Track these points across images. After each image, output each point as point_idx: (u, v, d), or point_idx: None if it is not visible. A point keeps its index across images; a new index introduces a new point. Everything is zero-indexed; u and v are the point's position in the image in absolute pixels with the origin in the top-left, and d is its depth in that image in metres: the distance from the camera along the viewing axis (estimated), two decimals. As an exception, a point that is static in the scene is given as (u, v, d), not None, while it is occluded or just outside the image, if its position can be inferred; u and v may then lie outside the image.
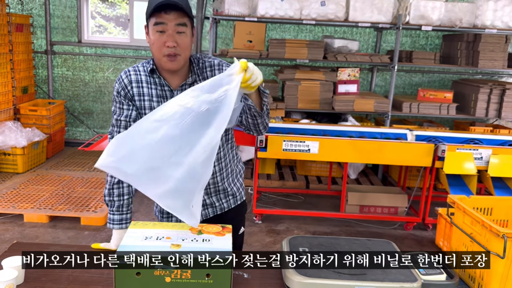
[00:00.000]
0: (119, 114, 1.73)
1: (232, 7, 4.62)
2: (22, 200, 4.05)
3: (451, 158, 3.60)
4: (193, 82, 1.69)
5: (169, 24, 1.57)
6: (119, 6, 6.38)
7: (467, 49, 5.05)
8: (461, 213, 1.69)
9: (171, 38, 1.57)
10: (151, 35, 1.60)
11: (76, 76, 6.04)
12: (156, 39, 1.59)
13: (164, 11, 1.55)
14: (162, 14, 1.56)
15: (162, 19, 1.56)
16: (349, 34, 5.75)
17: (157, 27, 1.57)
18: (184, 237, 1.45)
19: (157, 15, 1.56)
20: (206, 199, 1.86)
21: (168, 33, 1.57)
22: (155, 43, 1.59)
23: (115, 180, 1.74)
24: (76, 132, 6.21)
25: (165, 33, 1.58)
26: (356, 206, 4.05)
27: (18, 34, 5.26)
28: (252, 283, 1.49)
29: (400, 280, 1.39)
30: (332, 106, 4.79)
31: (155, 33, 1.58)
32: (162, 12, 1.55)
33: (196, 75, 1.70)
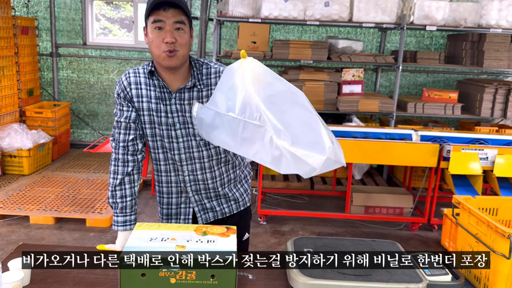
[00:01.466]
0: (120, 116, 1.75)
1: (236, 8, 4.63)
2: (28, 202, 4.08)
3: (456, 158, 3.59)
4: (193, 87, 1.70)
5: (167, 21, 1.58)
6: (123, 8, 6.40)
7: (472, 49, 5.02)
8: (466, 214, 1.69)
9: (170, 34, 1.58)
10: (150, 33, 1.61)
11: (81, 78, 6.07)
12: (155, 36, 1.60)
13: (162, 8, 1.57)
14: (160, 11, 1.57)
15: (160, 16, 1.58)
16: (353, 35, 5.74)
17: (155, 25, 1.59)
18: (189, 238, 1.46)
19: (155, 13, 1.58)
20: (207, 202, 1.86)
21: (166, 30, 1.59)
22: (154, 41, 1.60)
23: (117, 182, 1.76)
24: (81, 134, 6.24)
25: (163, 30, 1.59)
26: (361, 207, 4.04)
27: (23, 37, 5.30)
28: (257, 284, 1.49)
29: (405, 281, 1.38)
30: (336, 107, 4.79)
31: (154, 31, 1.60)
32: (160, 9, 1.57)
33: (197, 79, 1.70)
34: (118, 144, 1.76)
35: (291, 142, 1.34)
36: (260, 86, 1.39)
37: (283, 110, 1.38)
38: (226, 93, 1.43)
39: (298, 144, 1.34)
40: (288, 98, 1.40)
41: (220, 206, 1.88)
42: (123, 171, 1.76)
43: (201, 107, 1.50)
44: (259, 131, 1.36)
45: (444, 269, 1.49)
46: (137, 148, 1.77)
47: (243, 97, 1.38)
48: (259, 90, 1.38)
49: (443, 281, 1.46)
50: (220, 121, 1.43)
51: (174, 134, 1.74)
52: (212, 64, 1.75)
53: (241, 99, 1.38)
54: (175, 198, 1.86)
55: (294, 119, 1.38)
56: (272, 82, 1.42)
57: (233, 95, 1.41)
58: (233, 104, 1.40)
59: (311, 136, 1.38)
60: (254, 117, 1.36)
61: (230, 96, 1.41)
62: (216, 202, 1.87)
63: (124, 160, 1.76)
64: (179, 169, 1.80)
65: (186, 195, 1.85)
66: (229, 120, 1.40)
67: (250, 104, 1.37)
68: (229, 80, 1.44)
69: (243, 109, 1.38)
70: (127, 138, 1.75)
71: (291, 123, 1.37)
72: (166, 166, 1.81)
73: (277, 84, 1.42)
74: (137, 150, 1.77)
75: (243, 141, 1.41)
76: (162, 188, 1.86)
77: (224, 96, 1.43)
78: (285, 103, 1.39)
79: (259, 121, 1.36)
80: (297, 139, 1.35)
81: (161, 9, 1.57)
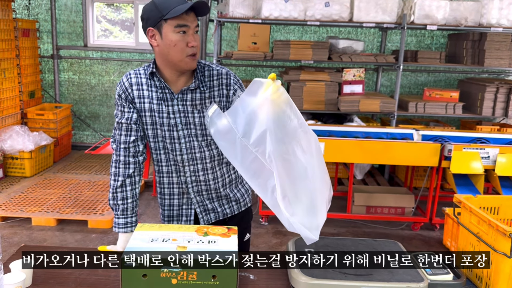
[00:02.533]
0: (121, 117, 1.75)
1: (236, 9, 4.63)
2: (30, 203, 4.09)
3: (457, 158, 3.58)
4: (196, 88, 1.71)
5: (191, 25, 1.61)
6: (124, 10, 6.41)
7: (472, 48, 5.02)
8: (467, 213, 1.69)
9: (194, 38, 1.62)
10: (171, 37, 1.60)
11: (82, 80, 6.09)
12: (178, 39, 1.60)
13: (185, 12, 1.58)
14: (183, 15, 1.58)
15: (185, 21, 1.59)
16: (353, 35, 5.74)
17: (180, 29, 1.60)
18: (190, 238, 1.46)
19: (179, 17, 1.58)
20: (208, 203, 1.86)
21: (189, 33, 1.61)
22: (178, 44, 1.60)
23: (118, 184, 1.76)
24: (82, 136, 6.25)
25: (187, 33, 1.61)
26: (363, 206, 4.03)
27: (24, 39, 5.31)
28: (258, 285, 1.49)
29: (407, 280, 1.38)
30: (337, 107, 4.78)
31: (176, 35, 1.60)
32: (183, 14, 1.58)
33: (200, 81, 1.71)
34: (119, 145, 1.76)
35: (292, 213, 1.39)
36: (280, 123, 1.41)
37: (293, 175, 1.41)
38: (247, 115, 1.43)
39: (297, 217, 1.39)
40: (299, 145, 1.43)
41: (222, 207, 1.88)
42: (124, 173, 1.76)
43: (218, 111, 1.49)
44: (267, 173, 1.39)
45: (446, 268, 1.49)
46: (138, 149, 1.77)
47: (261, 132, 1.39)
48: (276, 131, 1.40)
49: (445, 280, 1.46)
50: (232, 138, 1.44)
51: (176, 135, 1.74)
52: (214, 66, 1.75)
53: (259, 133, 1.40)
54: (177, 200, 1.86)
55: (301, 190, 1.42)
56: (290, 117, 1.43)
57: (252, 122, 1.41)
58: (250, 132, 1.41)
59: (311, 215, 1.43)
60: (266, 157, 1.39)
61: (249, 121, 1.42)
62: (217, 203, 1.87)
63: (125, 161, 1.76)
64: (181, 170, 1.80)
65: (188, 196, 1.85)
66: (242, 145, 1.42)
67: (265, 143, 1.39)
68: (253, 99, 1.43)
69: (258, 143, 1.40)
70: (128, 139, 1.75)
71: (297, 193, 1.41)
72: (168, 167, 1.81)
73: (294, 121, 1.44)
74: (138, 152, 1.77)
75: (248, 169, 1.43)
76: (164, 189, 1.86)
77: (244, 116, 1.43)
78: (298, 158, 1.42)
79: (270, 166, 1.38)
80: (297, 212, 1.40)
81: (184, 13, 1.58)
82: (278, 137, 1.40)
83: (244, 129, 1.42)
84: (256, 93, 1.43)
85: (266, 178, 1.39)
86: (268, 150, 1.38)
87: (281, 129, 1.41)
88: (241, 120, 1.43)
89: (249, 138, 1.40)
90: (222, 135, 1.47)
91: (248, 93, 1.45)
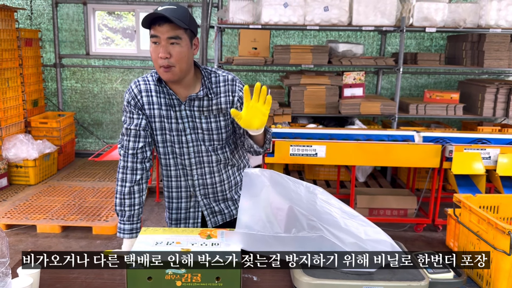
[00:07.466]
0: (129, 123, 1.76)
1: (236, 15, 4.67)
2: (34, 211, 4.12)
3: (459, 159, 3.60)
4: (204, 96, 1.74)
5: (161, 36, 1.60)
6: (125, 18, 6.47)
7: (472, 49, 5.04)
8: (467, 212, 1.70)
9: (164, 49, 1.60)
10: (150, 47, 1.65)
11: (85, 88, 6.13)
12: (152, 50, 1.64)
13: (158, 23, 1.59)
14: (156, 26, 1.60)
15: (155, 31, 1.60)
16: (353, 38, 5.77)
17: (152, 39, 1.62)
18: (193, 241, 1.48)
19: (152, 28, 1.61)
20: (215, 206, 1.89)
21: (161, 45, 1.61)
22: (152, 55, 1.65)
23: (126, 190, 1.77)
24: (86, 143, 6.29)
25: (159, 44, 1.61)
26: (365, 209, 4.05)
27: (27, 48, 5.37)
28: (262, 286, 1.51)
29: (408, 279, 1.40)
30: (338, 110, 4.81)
31: (152, 45, 1.64)
32: (156, 24, 1.59)
33: (208, 88, 1.73)
34: (127, 151, 1.77)
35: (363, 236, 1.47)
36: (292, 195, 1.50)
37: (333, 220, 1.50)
38: (262, 210, 1.51)
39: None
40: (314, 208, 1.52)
41: (228, 209, 1.91)
42: (132, 179, 1.77)
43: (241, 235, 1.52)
44: (316, 240, 1.45)
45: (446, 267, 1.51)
46: (145, 155, 1.79)
47: (286, 212, 1.49)
48: (298, 202, 1.49)
49: (445, 278, 1.47)
50: (262, 239, 1.49)
51: (184, 139, 1.77)
52: (220, 72, 1.78)
53: (285, 215, 1.49)
54: (185, 203, 1.89)
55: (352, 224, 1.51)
56: (295, 185, 1.54)
57: (272, 214, 1.51)
58: (275, 222, 1.50)
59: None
60: (305, 230, 1.46)
61: (268, 214, 1.51)
62: (224, 205, 1.90)
63: (133, 168, 1.77)
64: (189, 174, 1.83)
65: (195, 199, 1.88)
66: (277, 238, 1.48)
67: (295, 220, 1.47)
68: (255, 196, 1.53)
69: (289, 226, 1.48)
70: (137, 145, 1.77)
71: (349, 227, 1.48)
72: (177, 171, 1.84)
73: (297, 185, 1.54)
74: (146, 158, 1.79)
75: (288, 245, 1.49)
76: (172, 193, 1.89)
77: (263, 214, 1.51)
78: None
79: (314, 232, 1.45)
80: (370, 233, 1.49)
81: (156, 24, 1.59)
82: (302, 206, 1.48)
83: (270, 225, 1.50)
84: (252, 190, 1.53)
85: (320, 242, 1.45)
86: (302, 223, 1.46)
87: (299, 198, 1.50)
88: (261, 221, 1.50)
89: (281, 229, 1.49)
90: (254, 240, 1.50)
91: (246, 194, 1.54)
